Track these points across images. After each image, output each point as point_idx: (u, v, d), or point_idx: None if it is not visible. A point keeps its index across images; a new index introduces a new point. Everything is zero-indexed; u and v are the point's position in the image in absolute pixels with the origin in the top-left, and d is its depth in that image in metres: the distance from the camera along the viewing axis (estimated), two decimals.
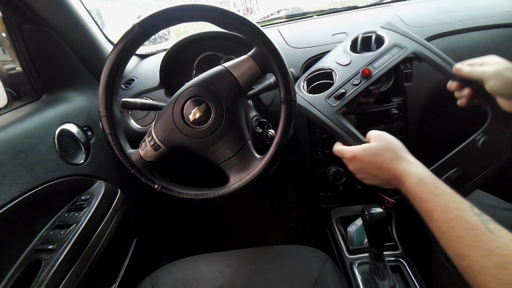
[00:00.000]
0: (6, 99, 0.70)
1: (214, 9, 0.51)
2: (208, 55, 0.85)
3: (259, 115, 0.68)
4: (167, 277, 0.60)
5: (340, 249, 0.77)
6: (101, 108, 0.55)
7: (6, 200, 0.48)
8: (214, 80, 0.56)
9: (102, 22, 0.88)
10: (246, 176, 0.55)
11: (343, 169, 0.75)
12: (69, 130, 0.66)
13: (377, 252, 0.61)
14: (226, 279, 0.57)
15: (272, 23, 1.01)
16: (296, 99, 0.53)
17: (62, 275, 0.49)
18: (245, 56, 0.56)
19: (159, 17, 0.52)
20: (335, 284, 0.54)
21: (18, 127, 0.57)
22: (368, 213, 0.58)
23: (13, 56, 0.72)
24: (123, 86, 0.83)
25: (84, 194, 0.64)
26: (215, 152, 0.57)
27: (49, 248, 0.51)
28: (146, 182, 0.58)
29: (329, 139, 0.75)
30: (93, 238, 0.57)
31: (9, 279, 0.48)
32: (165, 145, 0.57)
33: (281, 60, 0.52)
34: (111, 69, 0.54)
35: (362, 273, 0.69)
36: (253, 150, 0.58)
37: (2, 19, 0.67)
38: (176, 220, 1.29)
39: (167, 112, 0.57)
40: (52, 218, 0.58)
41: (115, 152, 0.57)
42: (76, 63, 0.78)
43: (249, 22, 0.51)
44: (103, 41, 0.84)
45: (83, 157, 0.68)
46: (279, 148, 0.53)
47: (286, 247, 0.63)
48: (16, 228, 0.51)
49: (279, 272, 0.57)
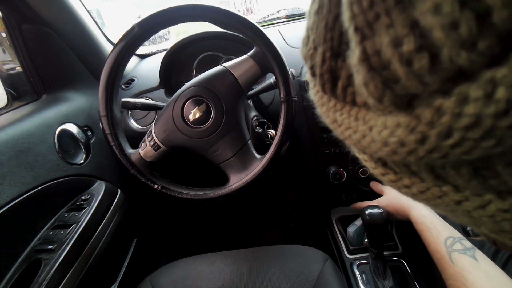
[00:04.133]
0: (6, 99, 0.70)
1: (214, 9, 0.51)
2: (208, 55, 0.85)
3: (259, 115, 0.68)
4: (167, 277, 0.60)
5: (340, 249, 0.77)
6: (101, 108, 0.55)
7: (6, 200, 0.48)
8: (214, 80, 0.56)
9: (102, 22, 0.88)
10: (246, 176, 0.55)
11: (343, 169, 0.75)
12: (69, 130, 0.66)
13: (377, 252, 0.61)
14: (226, 279, 0.57)
15: (272, 23, 1.01)
16: (296, 99, 0.53)
17: (62, 275, 0.49)
18: (245, 56, 0.55)
19: (159, 17, 0.52)
20: (335, 284, 0.54)
21: (18, 127, 0.57)
22: (368, 213, 0.58)
23: (13, 56, 0.72)
24: (123, 86, 0.83)
25: (84, 194, 0.64)
26: (215, 152, 0.57)
27: (49, 248, 0.51)
28: (146, 182, 0.58)
29: (328, 139, 0.75)
30: (93, 238, 0.57)
31: (9, 279, 0.48)
32: (165, 145, 0.57)
33: (281, 60, 0.52)
34: (111, 69, 0.54)
35: (362, 273, 0.69)
36: (253, 150, 0.58)
37: (2, 19, 0.67)
38: (176, 220, 1.29)
39: (167, 112, 0.57)
40: (52, 218, 0.58)
41: (115, 152, 0.57)
42: (76, 63, 0.78)
43: (249, 22, 0.51)
44: (103, 41, 0.83)
45: (83, 157, 0.68)
46: (279, 148, 0.53)
47: (286, 247, 0.63)
48: (16, 228, 0.51)
49: (279, 272, 0.57)
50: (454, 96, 0.08)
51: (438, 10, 0.08)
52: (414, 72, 0.09)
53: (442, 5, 0.08)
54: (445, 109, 0.09)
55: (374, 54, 0.10)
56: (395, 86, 0.10)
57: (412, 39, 0.08)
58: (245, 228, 1.30)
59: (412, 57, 0.09)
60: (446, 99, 0.09)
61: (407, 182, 0.13)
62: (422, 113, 0.09)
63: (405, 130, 0.10)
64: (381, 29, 0.09)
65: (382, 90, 0.10)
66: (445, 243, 0.46)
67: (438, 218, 0.51)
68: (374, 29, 0.09)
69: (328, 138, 0.74)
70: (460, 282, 0.40)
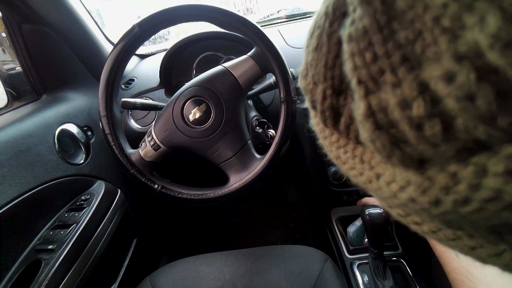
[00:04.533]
0: (6, 99, 0.70)
1: (214, 9, 0.51)
2: (208, 55, 0.85)
3: (259, 115, 0.68)
4: (167, 277, 0.60)
5: (340, 249, 0.77)
6: (101, 108, 0.55)
7: (6, 200, 0.48)
8: (214, 80, 0.56)
9: (102, 22, 0.88)
10: (246, 176, 0.55)
11: None
12: (69, 130, 0.66)
13: (377, 252, 0.61)
14: (226, 279, 0.57)
15: (272, 23, 1.01)
16: (296, 99, 0.53)
17: (62, 275, 0.49)
18: (245, 56, 0.55)
19: (159, 17, 0.52)
20: (335, 284, 0.54)
21: (18, 127, 0.57)
22: (368, 213, 0.58)
23: (13, 56, 0.72)
24: (123, 86, 0.83)
25: (84, 194, 0.64)
26: (215, 152, 0.57)
27: (49, 248, 0.51)
28: (146, 182, 0.58)
29: None
30: (93, 238, 0.57)
31: (9, 279, 0.48)
32: (165, 145, 0.57)
33: (281, 60, 0.52)
34: (111, 69, 0.54)
35: (362, 273, 0.69)
36: (253, 150, 0.58)
37: (2, 19, 0.67)
38: (176, 220, 1.29)
39: (167, 112, 0.57)
40: (52, 218, 0.58)
41: (115, 152, 0.57)
42: (76, 63, 0.78)
43: (249, 22, 0.51)
44: (103, 41, 0.83)
45: (83, 157, 0.68)
46: (279, 148, 0.53)
47: (286, 247, 0.63)
48: (16, 228, 0.51)
49: (279, 272, 0.57)
50: (471, 166, 0.08)
51: (451, 80, 0.07)
52: (425, 138, 0.08)
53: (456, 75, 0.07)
54: (462, 178, 0.08)
55: (380, 111, 0.09)
56: (405, 147, 0.09)
57: (422, 104, 0.08)
58: (245, 228, 1.30)
59: (423, 123, 0.08)
60: (462, 168, 0.08)
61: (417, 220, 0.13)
62: (435, 177, 0.09)
63: (416, 189, 0.09)
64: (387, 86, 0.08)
65: (390, 149, 0.09)
66: None
67: None
68: (379, 84, 0.09)
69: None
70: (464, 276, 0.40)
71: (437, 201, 0.09)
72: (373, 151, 0.10)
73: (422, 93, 0.08)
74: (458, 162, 0.08)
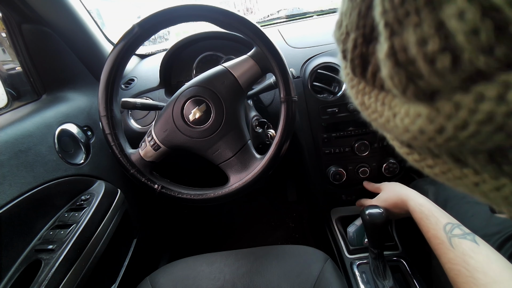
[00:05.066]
0: (6, 99, 0.70)
1: (214, 9, 0.51)
2: (208, 55, 0.85)
3: (259, 115, 0.68)
4: (167, 277, 0.60)
5: (340, 249, 0.77)
6: (101, 108, 0.55)
7: (6, 200, 0.48)
8: (214, 80, 0.56)
9: (102, 22, 0.88)
10: (246, 176, 0.55)
11: (343, 169, 0.75)
12: (69, 130, 0.66)
13: (377, 252, 0.61)
14: (226, 279, 0.57)
15: (272, 23, 1.01)
16: (296, 99, 0.53)
17: (62, 275, 0.49)
18: (245, 56, 0.55)
19: (159, 17, 0.52)
20: (335, 284, 0.54)
21: (18, 127, 0.57)
22: (368, 213, 0.58)
23: (13, 56, 0.72)
24: (123, 86, 0.83)
25: (84, 194, 0.64)
26: (215, 152, 0.57)
27: (49, 248, 0.51)
28: (146, 182, 0.58)
29: (329, 139, 0.75)
30: (93, 238, 0.57)
31: (9, 279, 0.48)
32: (165, 145, 0.57)
33: (281, 60, 0.52)
34: (111, 69, 0.54)
35: (362, 273, 0.69)
36: (253, 150, 0.58)
37: (2, 19, 0.67)
38: (176, 220, 1.29)
39: (167, 112, 0.57)
40: (52, 218, 0.58)
41: (115, 152, 0.57)
42: (76, 63, 0.78)
43: (249, 22, 0.51)
44: (103, 41, 0.83)
45: (83, 157, 0.68)
46: (279, 148, 0.53)
47: (286, 247, 0.63)
48: (16, 228, 0.51)
49: (279, 272, 0.57)
50: (472, 93, 0.09)
51: (462, 16, 0.08)
52: (437, 70, 0.09)
53: (466, 12, 0.08)
54: (463, 105, 0.10)
55: (401, 50, 0.10)
56: (419, 81, 0.10)
57: (437, 40, 0.09)
58: (245, 228, 1.30)
59: (435, 57, 0.09)
60: (464, 96, 0.09)
61: (430, 163, 0.14)
62: (442, 106, 0.10)
63: (425, 120, 0.11)
64: (409, 27, 0.10)
65: (406, 84, 0.11)
66: (444, 228, 0.46)
67: (435, 206, 0.52)
68: (403, 26, 0.10)
69: (328, 138, 0.74)
70: (460, 265, 0.40)
71: (441, 129, 0.10)
72: (391, 87, 0.12)
73: (438, 31, 0.09)
74: (462, 91, 0.09)
